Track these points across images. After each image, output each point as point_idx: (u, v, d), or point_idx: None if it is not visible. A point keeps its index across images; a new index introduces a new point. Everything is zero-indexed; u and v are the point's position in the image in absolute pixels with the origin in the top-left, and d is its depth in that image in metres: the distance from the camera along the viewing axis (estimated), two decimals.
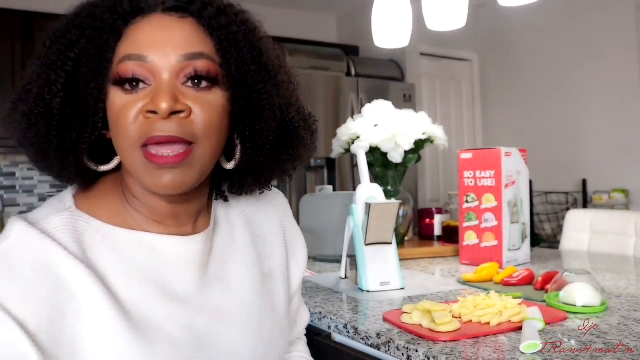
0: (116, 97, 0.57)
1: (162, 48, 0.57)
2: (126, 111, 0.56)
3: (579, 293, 1.07)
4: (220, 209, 0.73)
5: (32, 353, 0.50)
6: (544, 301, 1.13)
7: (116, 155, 0.62)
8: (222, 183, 0.72)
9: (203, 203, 0.68)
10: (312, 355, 0.91)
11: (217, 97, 0.59)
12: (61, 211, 0.60)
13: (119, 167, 0.64)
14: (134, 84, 0.57)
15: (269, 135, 0.63)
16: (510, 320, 0.97)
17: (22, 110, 0.58)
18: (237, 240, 0.72)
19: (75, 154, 0.60)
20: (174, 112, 0.56)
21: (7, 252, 0.55)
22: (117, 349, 0.56)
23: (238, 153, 0.64)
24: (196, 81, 0.58)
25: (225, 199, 0.72)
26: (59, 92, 0.57)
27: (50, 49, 0.58)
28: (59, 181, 0.64)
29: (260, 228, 0.75)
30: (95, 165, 0.63)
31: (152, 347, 0.57)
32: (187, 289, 0.63)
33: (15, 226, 0.57)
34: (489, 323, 0.96)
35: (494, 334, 0.93)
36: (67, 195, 0.64)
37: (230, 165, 0.65)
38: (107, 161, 0.63)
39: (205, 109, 0.58)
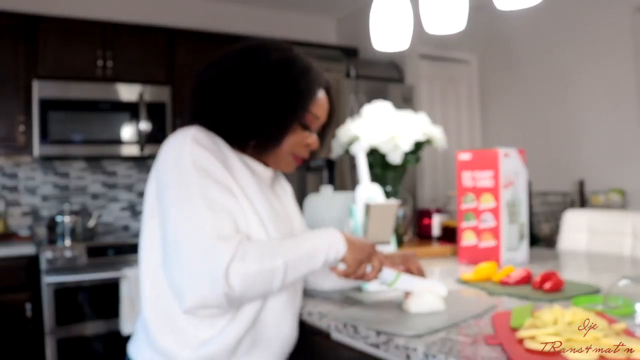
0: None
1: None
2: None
3: None
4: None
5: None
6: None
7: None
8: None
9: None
10: (312, 355, 0.92)
11: None
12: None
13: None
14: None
15: None
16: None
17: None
18: (283, 184, 1.27)
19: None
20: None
21: (196, 135, 1.02)
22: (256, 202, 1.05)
23: None
24: None
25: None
26: None
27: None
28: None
29: (285, 186, 1.28)
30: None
31: (262, 208, 1.06)
32: (266, 191, 1.11)
33: (190, 129, 1.03)
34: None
35: None
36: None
37: None
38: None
39: None
